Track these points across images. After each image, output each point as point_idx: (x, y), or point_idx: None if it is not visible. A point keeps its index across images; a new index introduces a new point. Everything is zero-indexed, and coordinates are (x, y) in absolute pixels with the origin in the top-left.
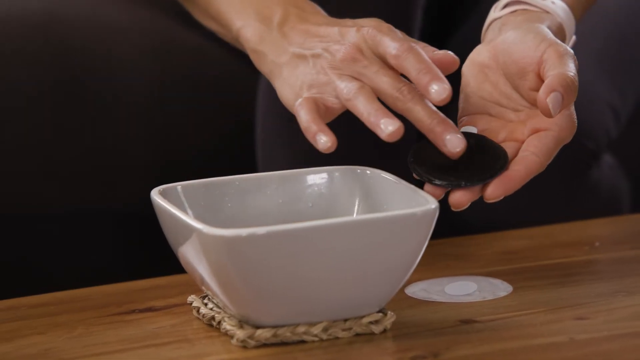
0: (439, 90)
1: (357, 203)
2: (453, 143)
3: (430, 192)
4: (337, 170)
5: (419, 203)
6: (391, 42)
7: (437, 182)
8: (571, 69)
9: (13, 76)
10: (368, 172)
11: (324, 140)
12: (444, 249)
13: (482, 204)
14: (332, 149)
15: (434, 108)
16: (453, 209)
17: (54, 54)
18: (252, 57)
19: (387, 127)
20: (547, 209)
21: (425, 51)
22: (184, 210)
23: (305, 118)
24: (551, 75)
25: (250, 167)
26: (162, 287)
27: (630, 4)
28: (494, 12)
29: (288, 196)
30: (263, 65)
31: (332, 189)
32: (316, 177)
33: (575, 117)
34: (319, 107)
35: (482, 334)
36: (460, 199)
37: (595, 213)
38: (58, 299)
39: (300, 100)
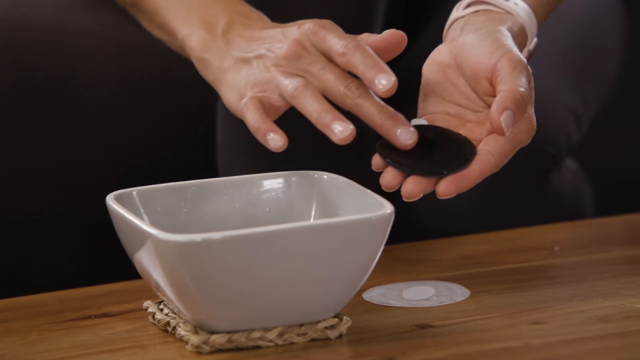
0: (385, 82)
1: (314, 208)
2: (405, 136)
3: (389, 179)
4: (294, 175)
5: (375, 208)
6: (336, 39)
7: (404, 168)
8: (522, 83)
9: None
10: (325, 176)
11: (276, 139)
12: (403, 253)
13: (443, 210)
14: (284, 148)
15: (383, 103)
16: (405, 199)
17: (15, 58)
18: (197, 65)
19: (339, 131)
20: (509, 214)
21: (369, 38)
22: (139, 215)
23: (252, 118)
24: (502, 92)
25: (214, 171)
26: (119, 293)
27: (593, 12)
28: (456, 12)
29: (245, 201)
30: (208, 73)
31: (289, 194)
32: (273, 182)
33: (535, 120)
34: (264, 106)
35: (437, 338)
36: (413, 190)
37: (557, 218)
38: (13, 305)
39: (244, 100)
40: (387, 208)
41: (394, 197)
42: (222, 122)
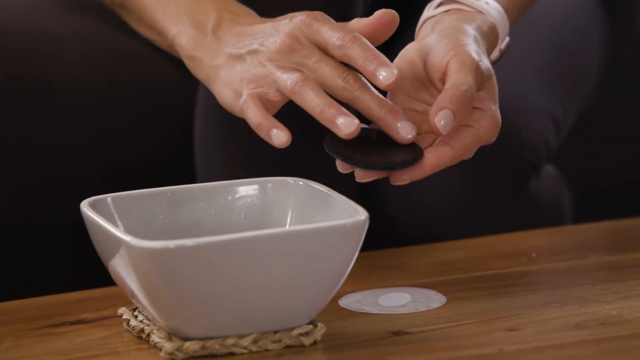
0: (387, 75)
1: (290, 214)
2: (405, 130)
3: (340, 168)
4: (270, 181)
5: (350, 214)
6: (331, 31)
7: (347, 161)
8: (465, 81)
9: None
10: (300, 183)
11: (279, 135)
12: (380, 260)
13: (421, 216)
14: (288, 144)
15: (382, 96)
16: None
17: None
18: (188, 63)
19: (344, 125)
20: (487, 219)
21: (360, 22)
22: (114, 222)
23: (254, 115)
24: (443, 92)
25: (194, 176)
26: (95, 299)
27: (573, 16)
28: (428, 11)
29: (221, 207)
30: (199, 71)
31: (265, 200)
32: (249, 189)
33: (499, 117)
34: (263, 103)
35: (412, 345)
36: (365, 175)
37: (536, 224)
38: None
39: (243, 98)
40: (362, 214)
41: (375, 203)
42: (200, 126)
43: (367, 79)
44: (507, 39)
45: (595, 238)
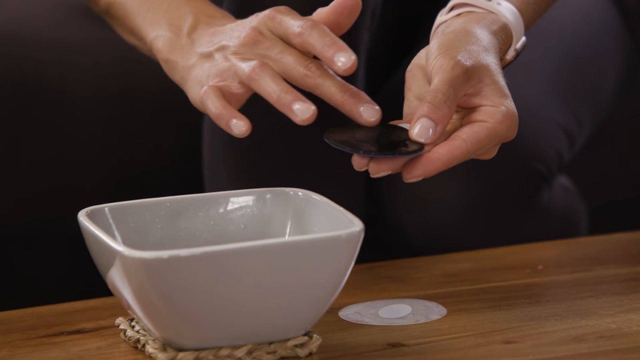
0: (345, 61)
1: (289, 225)
2: (368, 113)
3: (356, 166)
4: (269, 192)
5: (345, 225)
6: (292, 20)
7: (350, 150)
8: (437, 87)
9: None
10: (300, 193)
11: (239, 125)
12: (385, 271)
13: (429, 226)
14: (248, 133)
15: (344, 82)
16: (372, 176)
17: (7, 72)
18: (164, 67)
19: (300, 111)
20: (496, 230)
21: (323, 10)
22: (111, 232)
23: (213, 106)
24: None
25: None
26: (95, 309)
27: (586, 28)
28: (440, 17)
29: (220, 218)
30: (175, 74)
31: (265, 211)
32: (248, 199)
33: (514, 110)
34: (224, 95)
35: (407, 357)
36: (379, 167)
37: (548, 235)
38: None
39: (204, 89)
40: (357, 226)
41: (383, 214)
42: (208, 137)
43: (327, 66)
44: (524, 38)
45: (605, 250)
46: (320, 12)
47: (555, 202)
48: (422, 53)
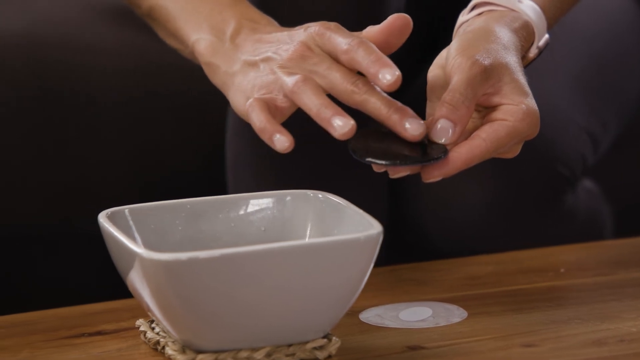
0: (390, 77)
1: (309, 227)
2: (413, 128)
3: (375, 167)
4: (290, 194)
5: (364, 228)
6: (341, 37)
7: (375, 160)
8: (455, 87)
9: None
10: (320, 196)
11: (282, 140)
12: (408, 274)
13: (452, 228)
14: (290, 149)
15: (390, 97)
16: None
17: (33, 74)
18: (206, 70)
19: (339, 126)
20: (520, 233)
21: (374, 29)
22: (131, 234)
23: (258, 119)
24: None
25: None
26: (116, 311)
27: (610, 28)
28: (462, 16)
29: (240, 220)
30: (216, 78)
31: (285, 213)
32: (268, 201)
33: (535, 108)
34: (269, 108)
35: None
36: (394, 170)
37: (572, 239)
38: (10, 322)
39: (249, 101)
40: (376, 228)
41: (407, 217)
42: (231, 139)
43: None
44: (546, 36)
45: (629, 254)
46: (370, 31)
47: (579, 205)
48: (443, 53)
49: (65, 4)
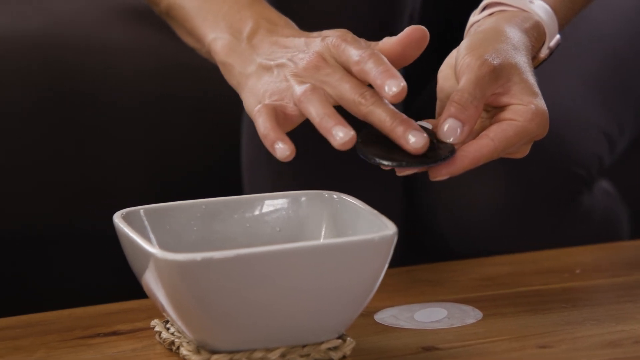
0: (395, 88)
1: (324, 228)
2: (416, 141)
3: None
4: (305, 194)
5: (379, 228)
6: (354, 49)
7: (382, 161)
8: (464, 87)
9: (10, 96)
10: (335, 196)
11: (283, 149)
12: (423, 274)
13: (467, 229)
14: (290, 158)
15: (396, 110)
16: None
17: (52, 74)
18: (222, 69)
19: (339, 137)
20: (534, 234)
21: (390, 40)
22: (146, 234)
23: (263, 125)
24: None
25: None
26: (131, 311)
27: (626, 28)
28: (473, 17)
29: (255, 220)
30: (231, 78)
31: (300, 214)
32: (283, 202)
33: (544, 108)
34: (277, 115)
35: None
36: (401, 170)
37: (588, 239)
38: (25, 322)
39: (258, 106)
40: (390, 229)
41: (422, 218)
42: (247, 141)
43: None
44: (558, 36)
45: None
46: (387, 42)
47: (596, 206)
48: (453, 53)
49: (83, 4)
